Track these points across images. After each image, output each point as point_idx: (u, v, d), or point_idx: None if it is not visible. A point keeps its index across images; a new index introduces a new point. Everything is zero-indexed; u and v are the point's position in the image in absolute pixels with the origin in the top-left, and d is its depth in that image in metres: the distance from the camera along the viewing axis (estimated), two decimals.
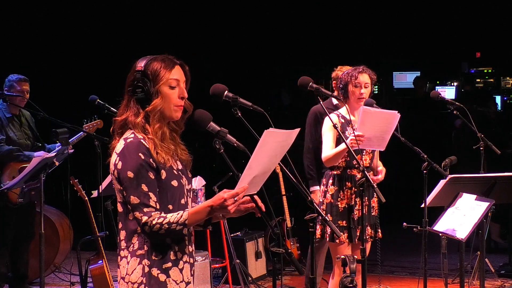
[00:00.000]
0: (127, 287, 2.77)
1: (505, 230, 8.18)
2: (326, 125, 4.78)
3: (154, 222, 2.67)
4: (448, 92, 11.07)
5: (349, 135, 4.51)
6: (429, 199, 4.71)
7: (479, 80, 11.30)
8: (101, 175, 5.36)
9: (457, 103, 5.44)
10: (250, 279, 6.52)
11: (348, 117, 4.66)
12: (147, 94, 2.77)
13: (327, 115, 4.51)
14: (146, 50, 3.19)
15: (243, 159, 2.74)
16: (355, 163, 4.64)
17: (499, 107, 10.59)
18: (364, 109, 4.51)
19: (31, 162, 5.41)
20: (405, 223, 5.29)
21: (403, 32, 11.13)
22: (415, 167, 5.34)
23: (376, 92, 11.46)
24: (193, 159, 2.95)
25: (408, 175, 8.57)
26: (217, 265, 6.57)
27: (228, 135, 2.80)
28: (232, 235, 6.61)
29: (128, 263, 2.77)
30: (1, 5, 9.47)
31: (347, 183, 4.75)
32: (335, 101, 5.37)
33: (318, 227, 4.77)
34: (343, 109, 4.77)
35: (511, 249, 7.36)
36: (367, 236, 4.74)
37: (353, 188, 4.73)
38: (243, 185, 2.66)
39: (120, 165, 2.73)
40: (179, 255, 2.80)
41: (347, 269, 3.63)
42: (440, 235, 4.58)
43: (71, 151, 5.68)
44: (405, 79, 11.51)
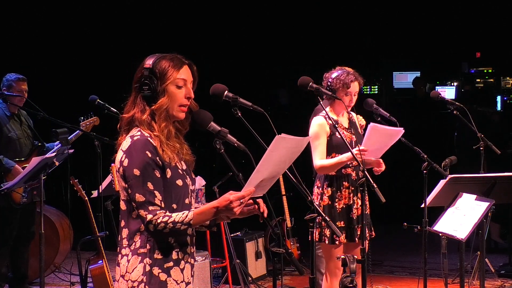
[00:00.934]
0: (126, 285, 2.76)
1: (505, 230, 8.18)
2: (314, 129, 4.71)
3: (159, 220, 2.66)
4: (448, 92, 11.06)
5: (339, 136, 4.55)
6: (429, 199, 4.71)
7: (479, 80, 11.27)
8: (101, 175, 5.36)
9: (457, 103, 5.44)
10: (250, 279, 6.52)
11: (335, 118, 4.68)
12: (153, 92, 2.76)
13: (328, 117, 4.52)
14: (146, 50, 3.19)
15: (243, 159, 2.74)
16: (355, 164, 4.65)
17: (499, 107, 10.58)
18: (373, 126, 4.48)
19: (31, 162, 5.40)
20: (405, 223, 5.30)
21: (403, 32, 11.12)
22: (415, 167, 5.33)
23: (376, 92, 11.46)
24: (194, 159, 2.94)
25: (408, 175, 8.56)
26: (217, 265, 6.57)
27: (228, 135, 2.79)
28: (232, 235, 6.61)
29: (128, 261, 2.76)
30: (1, 5, 9.47)
31: (344, 183, 4.74)
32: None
33: (315, 230, 4.68)
34: (327, 109, 4.70)
35: (511, 249, 7.36)
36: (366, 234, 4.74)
37: (351, 187, 4.73)
38: (250, 188, 2.66)
39: (126, 163, 2.72)
40: (181, 255, 2.80)
41: (347, 269, 3.63)
42: (440, 235, 4.58)
43: (71, 151, 5.68)
44: (405, 79, 11.49)
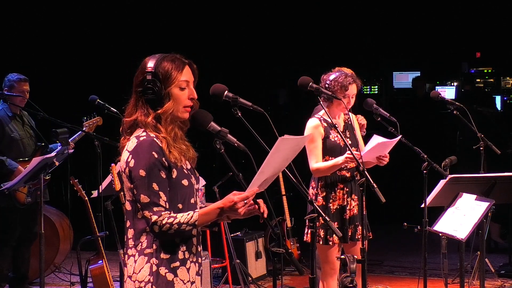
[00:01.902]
0: (133, 285, 2.75)
1: (505, 230, 8.18)
2: (309, 132, 4.69)
3: (164, 221, 2.66)
4: (448, 92, 11.05)
5: (333, 139, 4.63)
6: (429, 199, 4.71)
7: (479, 80, 11.26)
8: (101, 175, 5.35)
9: (457, 103, 5.44)
10: (250, 279, 6.51)
11: (329, 120, 4.60)
12: (158, 95, 2.74)
13: (329, 119, 4.52)
14: (146, 50, 3.19)
15: (243, 159, 2.75)
16: (350, 166, 4.67)
17: (499, 107, 10.58)
18: (379, 142, 4.49)
19: (31, 162, 5.41)
20: (405, 223, 5.29)
21: (403, 32, 11.12)
22: (415, 167, 5.33)
23: (376, 92, 11.46)
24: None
25: (408, 175, 8.56)
26: (217, 265, 6.57)
27: (228, 135, 2.79)
28: (232, 235, 6.60)
29: (135, 261, 2.75)
30: (1, 5, 9.47)
31: (339, 184, 4.74)
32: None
33: (309, 231, 4.47)
34: (323, 111, 4.70)
35: (511, 249, 7.36)
36: (359, 235, 4.74)
37: (345, 188, 4.73)
38: (253, 189, 2.66)
39: (132, 163, 2.70)
40: (187, 254, 2.81)
41: (347, 269, 3.63)
42: (440, 235, 4.58)
43: (71, 150, 5.68)
44: (405, 79, 11.48)
